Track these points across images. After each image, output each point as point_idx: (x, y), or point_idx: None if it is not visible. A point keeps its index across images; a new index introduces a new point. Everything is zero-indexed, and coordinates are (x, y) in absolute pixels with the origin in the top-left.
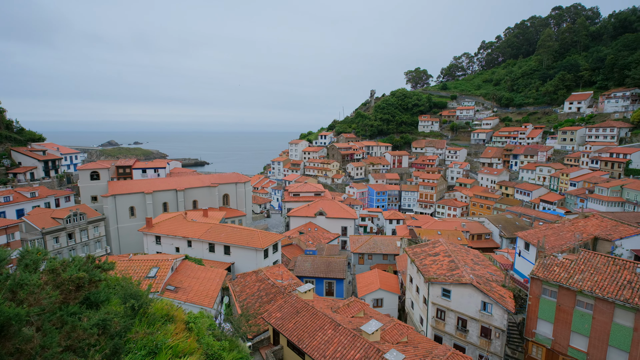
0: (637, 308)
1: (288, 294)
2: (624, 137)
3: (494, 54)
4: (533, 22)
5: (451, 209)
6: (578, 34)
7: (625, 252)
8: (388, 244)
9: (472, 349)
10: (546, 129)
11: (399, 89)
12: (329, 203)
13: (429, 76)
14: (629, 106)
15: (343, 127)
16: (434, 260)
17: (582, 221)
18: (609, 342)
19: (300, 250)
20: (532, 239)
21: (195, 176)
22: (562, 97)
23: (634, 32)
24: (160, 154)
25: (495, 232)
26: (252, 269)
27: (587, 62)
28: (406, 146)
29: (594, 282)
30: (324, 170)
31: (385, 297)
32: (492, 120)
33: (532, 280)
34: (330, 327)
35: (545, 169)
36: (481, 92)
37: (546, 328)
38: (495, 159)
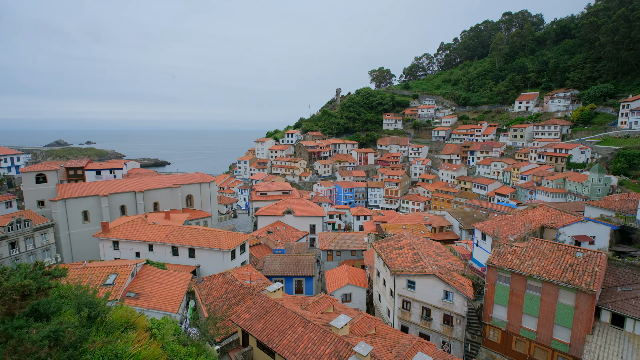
0: (577, 288)
1: (257, 295)
2: (565, 134)
3: (452, 55)
4: (486, 26)
5: (415, 203)
6: (525, 39)
7: (568, 239)
8: (356, 240)
9: (436, 336)
10: (499, 126)
11: (364, 88)
12: (297, 201)
13: (392, 75)
14: (569, 105)
15: (310, 125)
16: (399, 254)
17: (531, 211)
18: (555, 320)
19: (268, 250)
20: (487, 229)
21: (155, 177)
22: (512, 97)
23: (572, 39)
24: (117, 154)
25: (456, 224)
26: (219, 271)
27: (533, 64)
28: (372, 144)
29: (542, 266)
30: (291, 168)
31: (354, 292)
32: (451, 119)
33: (488, 268)
34: (300, 325)
35: (499, 164)
36: (441, 92)
37: (501, 312)
38: (455, 155)
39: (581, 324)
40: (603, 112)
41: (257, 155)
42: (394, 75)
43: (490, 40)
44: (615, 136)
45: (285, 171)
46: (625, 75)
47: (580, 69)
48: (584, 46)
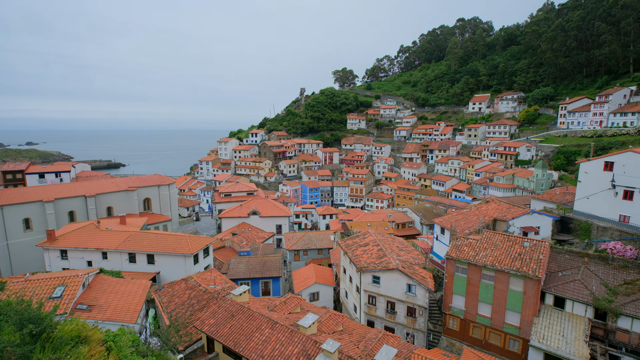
0: (525, 275)
1: (222, 299)
2: (513, 133)
3: (411, 57)
4: (442, 31)
5: (379, 201)
6: (477, 44)
7: (517, 230)
8: (322, 239)
9: (401, 329)
10: (455, 126)
11: (328, 88)
12: (262, 202)
13: (355, 76)
14: (517, 107)
15: (274, 125)
16: (364, 251)
17: (485, 206)
18: (507, 306)
19: (234, 252)
20: (446, 224)
21: (109, 180)
22: (467, 98)
23: (518, 45)
24: (63, 155)
25: (417, 220)
26: (181, 277)
27: (485, 68)
28: (336, 143)
29: (494, 257)
30: (256, 169)
31: (321, 290)
32: (411, 119)
33: (447, 260)
34: (267, 327)
35: (455, 162)
36: (401, 93)
37: (460, 301)
38: (415, 154)
39: (529, 307)
40: (545, 113)
41: (220, 155)
42: (357, 76)
43: (446, 44)
44: (556, 135)
45: (250, 172)
46: (562, 79)
47: (525, 73)
48: (528, 52)
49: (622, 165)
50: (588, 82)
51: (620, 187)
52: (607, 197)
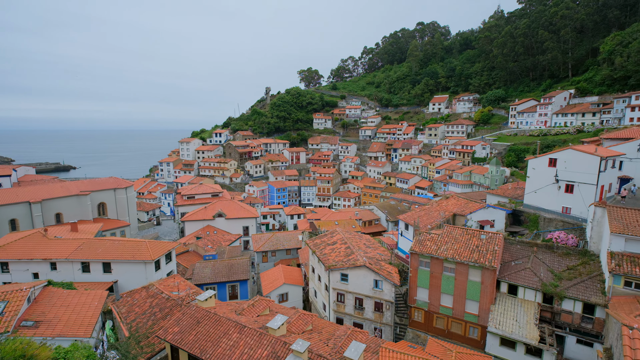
0: (482, 266)
1: (186, 305)
2: (470, 133)
3: (375, 59)
4: (403, 34)
5: (346, 200)
6: (436, 47)
7: (474, 223)
8: (290, 239)
9: (369, 324)
10: (417, 126)
11: (294, 87)
12: (228, 203)
13: (320, 76)
14: (472, 107)
15: (239, 125)
16: (332, 249)
17: (445, 202)
18: (467, 296)
19: (198, 257)
20: (409, 220)
21: (57, 184)
22: (427, 99)
23: (473, 49)
24: (2, 158)
25: (383, 217)
26: (142, 285)
27: (443, 70)
28: (303, 143)
29: (455, 250)
30: (221, 169)
31: (290, 291)
32: (375, 119)
33: (412, 255)
34: (235, 331)
35: (417, 160)
36: (366, 93)
37: (424, 294)
38: (380, 152)
39: (486, 296)
40: (498, 114)
41: (182, 156)
42: (322, 76)
43: (407, 46)
44: (507, 134)
45: (214, 172)
46: (512, 82)
47: (479, 76)
48: (481, 56)
49: (564, 162)
50: (534, 85)
51: (563, 182)
52: (551, 191)
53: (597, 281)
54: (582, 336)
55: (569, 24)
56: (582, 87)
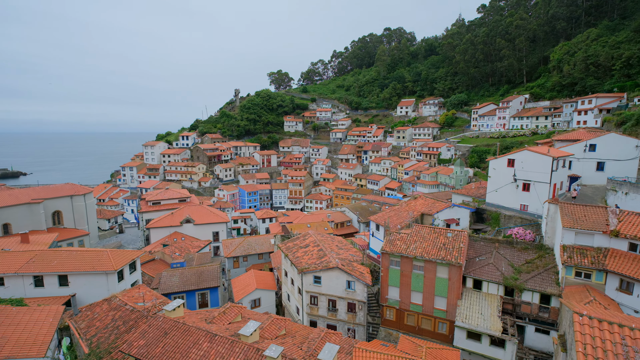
0: (449, 263)
1: (153, 317)
2: (436, 135)
3: (344, 62)
4: (371, 39)
5: (318, 202)
6: (402, 52)
7: (441, 222)
8: (262, 243)
9: (342, 325)
10: (386, 128)
11: (264, 90)
12: (196, 209)
13: (290, 79)
14: (438, 111)
15: (207, 127)
16: (305, 252)
17: (413, 202)
18: (435, 292)
19: (165, 265)
20: (380, 220)
21: (4, 191)
22: (395, 103)
23: (437, 55)
24: None
25: (354, 218)
26: (104, 297)
27: (410, 75)
28: (274, 146)
29: (423, 248)
30: (188, 173)
31: (263, 296)
32: (346, 121)
33: (383, 254)
34: (205, 340)
35: (387, 162)
36: (336, 96)
37: (395, 292)
38: (351, 155)
39: (454, 292)
40: (461, 117)
41: (147, 160)
42: (293, 78)
43: (375, 51)
44: (470, 136)
45: (181, 177)
46: (474, 87)
47: (443, 80)
48: (445, 62)
49: (521, 162)
50: (493, 90)
51: (520, 181)
52: (510, 190)
53: (552, 273)
54: (540, 325)
55: (522, 33)
56: (536, 92)
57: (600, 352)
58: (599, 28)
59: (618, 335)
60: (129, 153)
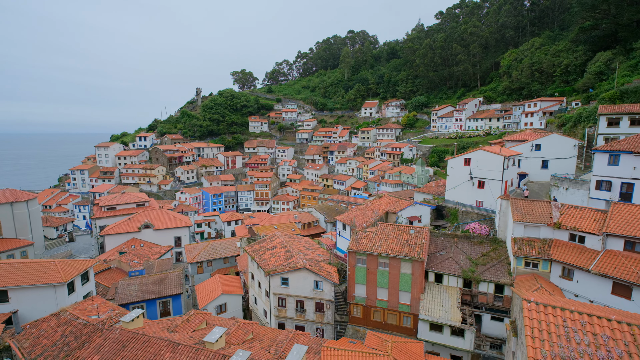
0: (412, 259)
1: (109, 329)
2: (398, 136)
3: (309, 63)
4: (335, 40)
5: (285, 203)
6: (365, 55)
7: (404, 220)
8: (228, 247)
9: (310, 325)
10: (351, 129)
11: (227, 89)
12: (156, 213)
13: (255, 78)
14: (400, 112)
15: (167, 128)
16: (272, 254)
17: (378, 201)
18: (400, 288)
19: (123, 274)
20: (346, 220)
21: None
22: (359, 104)
23: (398, 58)
24: None
25: (322, 219)
26: (52, 312)
27: (373, 77)
28: (239, 146)
29: (388, 245)
30: (147, 176)
31: (229, 301)
32: (311, 122)
33: (349, 253)
34: (167, 351)
35: (352, 162)
36: (301, 97)
37: (362, 290)
38: (317, 155)
39: (417, 286)
40: (421, 118)
41: (100, 163)
42: (257, 78)
43: (339, 53)
44: (430, 137)
45: (139, 180)
46: (433, 90)
47: (405, 83)
48: (406, 65)
49: (476, 161)
50: (451, 93)
51: (476, 179)
52: (467, 187)
53: (505, 264)
54: (495, 313)
55: (476, 40)
56: (489, 95)
57: (545, 334)
58: (542, 37)
59: (560, 318)
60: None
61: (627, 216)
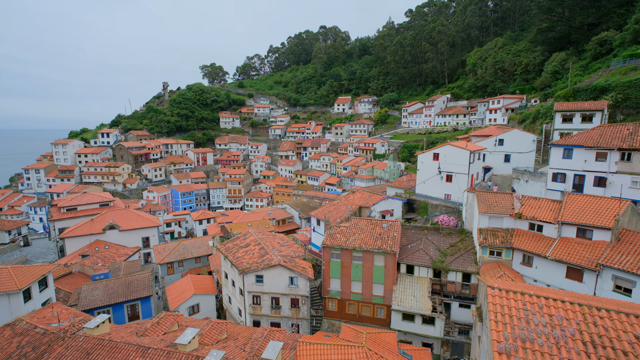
0: (385, 252)
1: (71, 337)
2: (371, 132)
3: (281, 58)
4: (307, 36)
5: (258, 200)
6: (338, 51)
7: (377, 214)
8: (200, 246)
9: (286, 321)
10: (324, 125)
11: (196, 83)
12: (122, 213)
13: (225, 73)
14: (372, 108)
15: (132, 124)
16: (246, 252)
17: (352, 196)
18: (373, 280)
19: (86, 278)
20: (320, 215)
21: None
22: (332, 100)
23: (370, 55)
24: None
25: (296, 215)
26: (6, 322)
27: (345, 73)
28: (209, 143)
29: (361, 239)
30: (111, 175)
31: (202, 301)
32: (284, 118)
33: (324, 248)
34: (137, 356)
35: (326, 158)
36: (274, 92)
37: (336, 284)
38: (290, 151)
39: (389, 278)
40: (393, 115)
41: (57, 161)
42: (228, 72)
43: (312, 48)
44: (401, 132)
45: (102, 179)
46: (403, 86)
47: (376, 79)
48: (377, 62)
49: (444, 156)
50: (420, 90)
51: (444, 173)
52: (436, 181)
53: (471, 253)
54: (463, 300)
55: (444, 38)
56: (456, 92)
57: (507, 317)
58: (504, 37)
59: (520, 302)
60: (34, 153)
61: (579, 206)
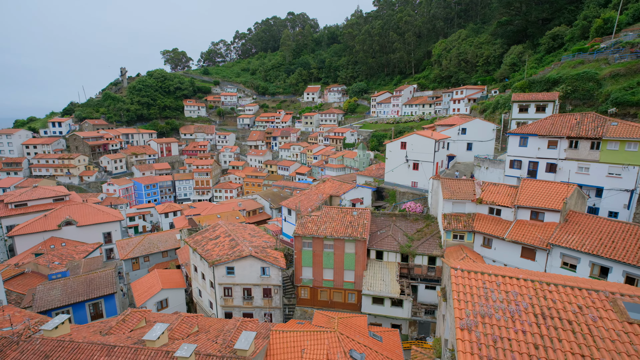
0: (355, 239)
1: (27, 341)
2: (340, 121)
3: (248, 44)
4: (275, 22)
5: (228, 191)
6: (306, 39)
7: (348, 202)
8: (167, 240)
9: (258, 311)
10: (294, 114)
11: (158, 70)
12: (79, 208)
13: (189, 59)
14: (341, 98)
15: (87, 112)
16: (215, 244)
17: (322, 185)
18: (344, 267)
19: (41, 278)
20: (291, 205)
21: None
22: (302, 89)
23: (339, 43)
24: None
25: (267, 205)
26: None
27: (314, 62)
28: (174, 132)
29: (332, 228)
30: (65, 167)
31: (171, 296)
32: (253, 107)
33: (295, 237)
34: (102, 355)
35: (296, 147)
36: (241, 80)
37: (308, 272)
38: (260, 141)
39: (360, 264)
40: (362, 104)
41: (2, 153)
42: (192, 58)
43: (280, 35)
44: (370, 122)
45: (56, 171)
46: (372, 76)
47: (345, 69)
48: (346, 51)
49: (411, 145)
50: (388, 80)
51: (411, 161)
52: (404, 169)
53: (436, 238)
54: (429, 282)
55: (410, 29)
56: (422, 82)
57: (468, 296)
58: (467, 29)
59: (480, 281)
60: None
61: (533, 190)
